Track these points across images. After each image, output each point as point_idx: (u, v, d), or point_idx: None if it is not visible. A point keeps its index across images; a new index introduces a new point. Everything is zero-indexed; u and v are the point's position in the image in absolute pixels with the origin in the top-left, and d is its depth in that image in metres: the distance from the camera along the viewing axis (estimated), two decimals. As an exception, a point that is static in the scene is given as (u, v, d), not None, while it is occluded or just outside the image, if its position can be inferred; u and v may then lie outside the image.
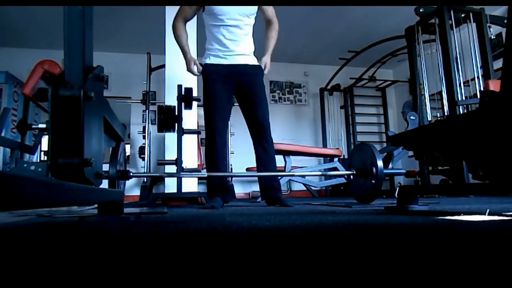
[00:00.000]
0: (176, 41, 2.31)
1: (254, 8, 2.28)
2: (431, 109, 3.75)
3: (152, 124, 4.89)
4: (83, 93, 1.00)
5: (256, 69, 2.31)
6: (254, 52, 2.36)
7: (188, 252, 0.59)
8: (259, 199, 3.38)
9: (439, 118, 3.73)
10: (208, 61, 2.29)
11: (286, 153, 3.78)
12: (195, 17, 2.48)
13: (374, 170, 1.93)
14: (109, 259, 0.54)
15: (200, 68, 2.28)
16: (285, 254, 0.56)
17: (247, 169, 5.14)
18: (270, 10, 2.38)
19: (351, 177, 2.16)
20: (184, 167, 2.46)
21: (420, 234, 0.79)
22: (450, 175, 3.62)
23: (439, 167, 3.73)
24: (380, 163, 1.91)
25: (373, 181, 1.94)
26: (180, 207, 2.37)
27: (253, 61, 2.33)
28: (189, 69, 2.29)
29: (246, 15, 2.25)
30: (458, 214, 1.22)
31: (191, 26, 3.10)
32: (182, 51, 2.29)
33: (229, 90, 2.29)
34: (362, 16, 4.91)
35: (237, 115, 2.40)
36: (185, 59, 2.28)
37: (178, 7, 2.33)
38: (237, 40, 2.25)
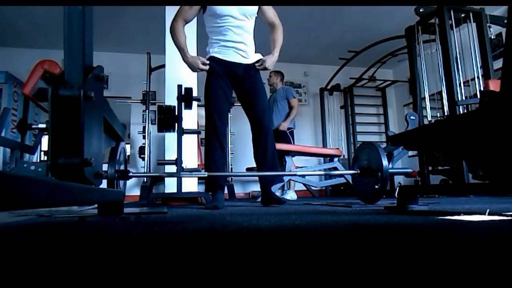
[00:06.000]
0: (174, 42, 2.25)
1: (255, 8, 2.28)
2: (431, 109, 3.75)
3: (152, 124, 4.90)
4: (83, 93, 1.00)
5: (256, 67, 2.32)
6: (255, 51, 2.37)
7: (188, 252, 0.59)
8: (259, 199, 3.38)
9: (439, 118, 3.73)
10: (212, 54, 2.27)
11: (286, 153, 3.78)
12: (195, 18, 2.47)
13: (380, 169, 1.90)
14: (108, 259, 0.54)
15: (207, 61, 2.24)
16: (285, 254, 0.56)
17: (247, 169, 5.14)
18: (271, 12, 2.35)
19: (355, 176, 2.14)
20: (184, 167, 2.46)
21: (420, 234, 0.79)
22: (450, 175, 3.62)
23: (439, 167, 3.73)
24: (385, 163, 1.90)
25: (378, 181, 1.92)
26: (180, 207, 2.37)
27: (255, 59, 2.33)
28: (197, 69, 2.24)
29: (248, 15, 2.24)
30: (458, 214, 1.22)
31: (191, 27, 3.10)
32: (181, 53, 2.24)
33: (229, 86, 2.30)
34: (362, 16, 4.91)
35: (237, 115, 2.40)
36: (185, 60, 2.24)
37: (177, 7, 2.32)
38: (240, 41, 2.25)
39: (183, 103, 2.40)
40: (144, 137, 4.90)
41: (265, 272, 0.44)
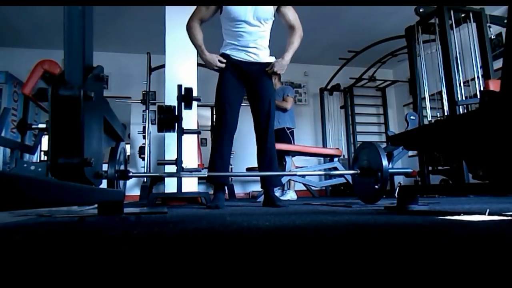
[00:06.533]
0: (192, 42, 2.28)
1: (271, 13, 2.24)
2: (431, 109, 3.75)
3: (152, 124, 4.90)
4: (83, 93, 1.00)
5: (267, 66, 2.32)
6: (270, 54, 2.37)
7: (188, 252, 0.59)
8: (259, 199, 3.38)
9: (439, 118, 3.73)
10: (225, 52, 2.30)
11: (286, 153, 3.78)
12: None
13: (380, 169, 1.89)
14: (109, 259, 0.54)
15: (223, 60, 2.26)
16: (285, 254, 0.56)
17: (247, 169, 5.14)
18: (291, 14, 2.30)
19: (355, 176, 2.14)
20: (184, 167, 2.45)
21: (420, 234, 0.79)
22: (450, 175, 3.62)
23: (439, 167, 3.73)
24: (385, 163, 1.89)
25: (378, 181, 1.91)
26: (180, 207, 2.37)
27: (269, 60, 2.33)
28: (214, 66, 2.27)
29: (263, 20, 2.22)
30: (458, 214, 1.22)
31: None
32: (198, 50, 2.28)
33: (241, 84, 2.32)
34: (362, 16, 4.91)
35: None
36: (203, 58, 2.27)
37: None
38: (253, 46, 2.26)
39: (183, 103, 2.40)
40: (144, 137, 4.90)
41: (265, 272, 0.44)
